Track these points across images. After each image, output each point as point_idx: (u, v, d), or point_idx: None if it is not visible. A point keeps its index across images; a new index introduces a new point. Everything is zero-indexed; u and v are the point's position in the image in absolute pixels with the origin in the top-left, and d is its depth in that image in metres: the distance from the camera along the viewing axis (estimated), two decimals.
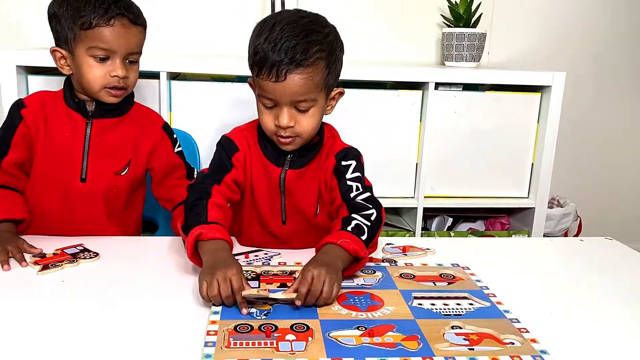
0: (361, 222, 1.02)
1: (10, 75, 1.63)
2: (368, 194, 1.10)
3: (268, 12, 1.86)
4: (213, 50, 2.10)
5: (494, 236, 2.00)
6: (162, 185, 1.29)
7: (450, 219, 2.07)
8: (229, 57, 2.05)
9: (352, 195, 1.09)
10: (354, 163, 1.13)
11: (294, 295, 0.87)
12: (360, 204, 1.07)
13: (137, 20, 1.16)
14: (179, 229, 1.05)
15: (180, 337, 0.79)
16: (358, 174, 1.12)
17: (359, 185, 1.11)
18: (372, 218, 1.05)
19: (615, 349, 0.82)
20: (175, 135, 1.32)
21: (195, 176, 1.24)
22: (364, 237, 1.00)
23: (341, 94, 1.13)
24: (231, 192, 1.11)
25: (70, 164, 1.19)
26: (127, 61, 1.16)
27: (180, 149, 1.32)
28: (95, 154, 1.20)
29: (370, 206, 1.07)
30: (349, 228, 1.00)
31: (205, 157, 1.72)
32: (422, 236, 1.94)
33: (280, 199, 1.15)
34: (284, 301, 0.88)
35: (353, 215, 1.04)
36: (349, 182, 1.11)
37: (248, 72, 1.30)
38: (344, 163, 1.13)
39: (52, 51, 1.17)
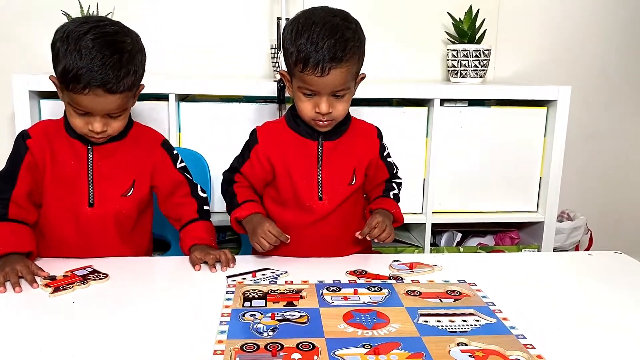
0: (398, 193, 1.35)
1: (23, 99, 1.67)
2: (397, 167, 1.38)
3: (274, 34, 1.89)
4: (220, 71, 2.13)
5: (503, 251, 2.00)
6: (168, 204, 1.31)
7: (459, 234, 2.07)
8: (237, 77, 2.09)
9: (394, 171, 1.37)
10: (385, 141, 1.36)
11: None
12: (395, 176, 1.37)
13: (115, 88, 1.09)
14: (226, 209, 1.30)
15: (188, 357, 0.80)
16: (388, 149, 1.36)
17: (394, 162, 1.37)
18: (401, 186, 1.38)
19: None
20: (175, 152, 1.32)
21: (199, 190, 1.34)
22: (399, 204, 1.33)
23: (363, 77, 1.27)
24: (246, 179, 1.31)
25: (77, 190, 1.21)
26: (108, 116, 1.14)
27: (183, 164, 1.32)
28: (100, 178, 1.21)
29: (401, 178, 1.39)
30: (391, 195, 1.33)
31: (216, 176, 1.74)
32: (431, 252, 1.93)
33: (317, 172, 1.27)
34: None
35: (393, 185, 1.36)
36: (389, 160, 1.36)
37: (255, 92, 1.34)
38: (383, 142, 1.35)
39: (50, 78, 1.17)
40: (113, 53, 1.09)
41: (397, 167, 1.38)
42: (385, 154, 1.35)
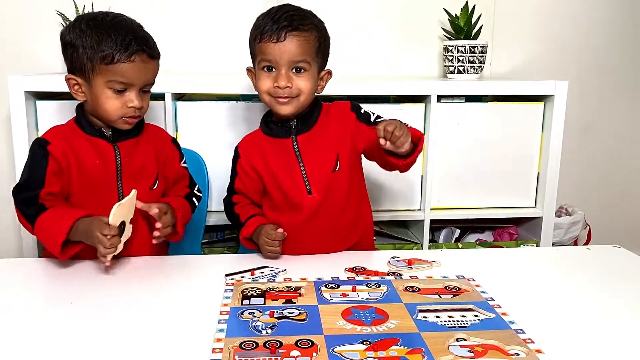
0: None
1: (19, 100, 1.66)
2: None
3: None
4: (216, 69, 2.13)
5: (502, 247, 2.00)
6: (168, 193, 1.33)
7: (458, 231, 2.07)
8: (233, 75, 2.07)
9: (379, 120, 1.28)
10: (366, 110, 1.32)
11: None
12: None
13: (154, 54, 1.19)
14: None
15: (186, 355, 0.80)
16: (376, 114, 1.32)
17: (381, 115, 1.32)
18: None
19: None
20: (182, 151, 1.37)
21: (195, 189, 1.38)
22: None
23: (329, 74, 1.30)
24: (243, 196, 1.33)
25: (106, 189, 1.21)
26: (141, 91, 1.19)
27: (185, 165, 1.37)
28: (128, 175, 1.23)
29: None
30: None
31: (213, 175, 1.75)
32: (429, 248, 1.93)
33: (299, 167, 1.27)
34: None
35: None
36: (376, 120, 1.29)
37: (251, 91, 1.34)
38: (362, 111, 1.31)
39: (67, 79, 1.19)
40: (139, 25, 1.21)
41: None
42: (372, 120, 1.30)
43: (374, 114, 1.32)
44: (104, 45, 1.13)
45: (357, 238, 1.33)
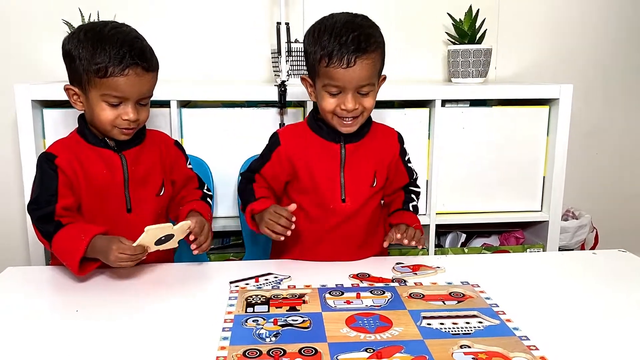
0: (416, 204, 1.34)
1: (26, 109, 1.67)
2: (417, 174, 1.39)
3: (274, 39, 1.89)
4: (221, 76, 2.14)
5: (508, 251, 1.99)
6: (175, 198, 1.34)
7: (464, 235, 2.06)
8: (238, 82, 2.09)
9: (414, 177, 1.37)
10: (405, 146, 1.36)
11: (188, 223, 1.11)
12: (414, 183, 1.37)
13: (150, 67, 1.16)
14: (240, 208, 1.33)
15: None
16: (409, 156, 1.37)
17: (413, 167, 1.38)
18: (419, 196, 1.36)
19: None
20: (186, 153, 1.37)
21: (205, 188, 1.36)
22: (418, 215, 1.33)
23: (384, 79, 1.29)
24: (265, 181, 1.31)
25: (114, 198, 1.21)
26: (138, 103, 1.18)
27: (190, 166, 1.37)
28: (135, 183, 1.23)
29: (419, 187, 1.38)
30: (410, 207, 1.32)
31: (219, 181, 1.75)
32: (435, 253, 1.93)
33: (340, 174, 1.27)
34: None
35: (412, 196, 1.35)
36: (409, 165, 1.36)
37: (256, 97, 1.34)
38: (404, 146, 1.35)
39: (66, 89, 1.19)
40: (138, 35, 1.18)
41: (417, 174, 1.38)
42: (406, 159, 1.36)
43: (408, 154, 1.38)
44: (97, 58, 1.11)
45: (374, 252, 1.32)
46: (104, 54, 1.11)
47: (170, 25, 2.08)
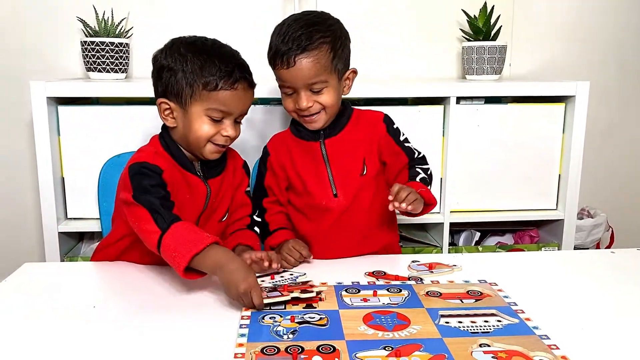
0: (426, 177, 1.27)
1: (41, 106, 1.68)
2: (422, 153, 1.33)
3: None
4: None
5: (523, 250, 1.97)
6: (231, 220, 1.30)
7: (478, 234, 2.05)
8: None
9: (415, 156, 1.31)
10: (398, 126, 1.33)
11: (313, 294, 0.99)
12: (420, 161, 1.31)
13: (253, 83, 1.16)
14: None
15: None
16: (405, 135, 1.33)
17: (414, 146, 1.33)
18: (429, 172, 1.29)
19: None
20: (250, 175, 1.34)
21: (255, 215, 1.33)
22: (429, 187, 1.25)
23: (354, 72, 1.28)
24: (274, 194, 1.33)
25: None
26: (235, 121, 1.16)
27: (248, 189, 1.32)
28: (209, 211, 1.21)
29: (428, 164, 1.32)
30: (418, 179, 1.24)
31: None
32: (449, 251, 1.92)
33: (326, 170, 1.28)
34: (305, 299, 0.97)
35: (418, 170, 1.27)
36: (407, 145, 1.31)
37: (269, 95, 1.34)
38: (395, 126, 1.32)
39: (159, 103, 1.15)
40: (238, 52, 1.18)
41: (420, 153, 1.33)
42: (401, 139, 1.32)
43: (404, 134, 1.33)
44: (206, 72, 1.09)
45: (384, 242, 1.33)
46: (214, 67, 1.10)
47: (183, 23, 2.08)
